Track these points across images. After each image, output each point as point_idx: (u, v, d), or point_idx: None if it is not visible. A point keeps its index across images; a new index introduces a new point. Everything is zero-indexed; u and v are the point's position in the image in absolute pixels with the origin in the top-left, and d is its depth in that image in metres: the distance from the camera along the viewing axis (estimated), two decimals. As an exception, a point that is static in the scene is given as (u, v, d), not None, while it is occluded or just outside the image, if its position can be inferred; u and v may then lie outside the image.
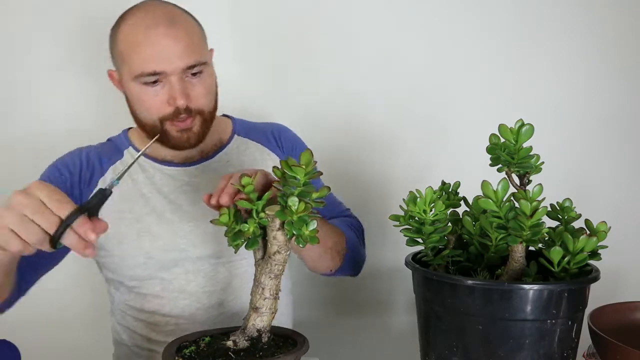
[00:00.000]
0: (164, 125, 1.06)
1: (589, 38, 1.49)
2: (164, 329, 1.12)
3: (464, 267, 0.91)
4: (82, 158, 1.13)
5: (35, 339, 1.37)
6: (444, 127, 1.51)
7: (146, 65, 1.00)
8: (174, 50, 1.00)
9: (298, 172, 0.79)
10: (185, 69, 1.02)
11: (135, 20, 1.02)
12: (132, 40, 1.01)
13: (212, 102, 1.10)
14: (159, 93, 1.03)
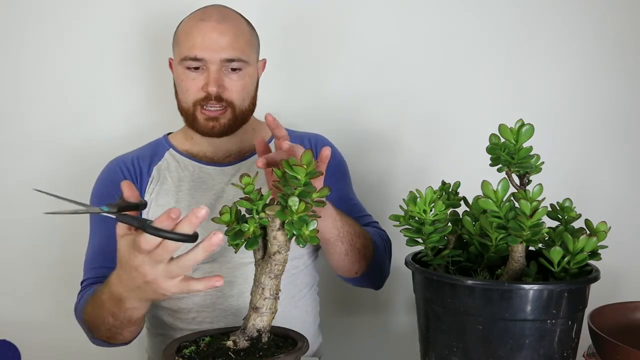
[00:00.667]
0: (195, 110, 1.16)
1: (589, 38, 1.49)
2: (186, 317, 1.15)
3: (464, 267, 0.91)
4: (122, 167, 1.20)
5: (35, 339, 1.37)
6: (444, 127, 1.51)
7: (191, 50, 1.12)
8: (218, 42, 1.12)
9: (298, 172, 0.79)
10: (224, 61, 1.13)
11: (194, 15, 1.17)
12: (187, 28, 1.15)
13: (246, 101, 1.19)
14: (197, 78, 1.14)
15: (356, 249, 1.11)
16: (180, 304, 1.15)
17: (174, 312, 1.17)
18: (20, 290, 1.51)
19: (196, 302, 1.15)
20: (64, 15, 1.46)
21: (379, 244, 1.20)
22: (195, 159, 1.22)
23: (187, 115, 1.18)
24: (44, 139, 1.48)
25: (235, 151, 1.23)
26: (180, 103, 1.19)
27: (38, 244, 1.50)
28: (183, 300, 1.15)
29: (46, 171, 1.48)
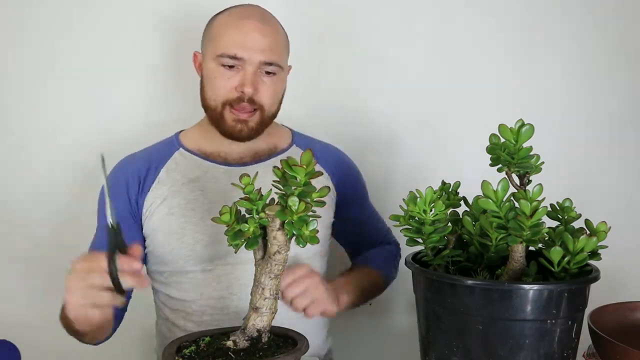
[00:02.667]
0: (223, 110, 1.12)
1: (590, 38, 1.49)
2: (199, 319, 1.14)
3: (464, 267, 0.91)
4: (126, 176, 1.16)
5: (35, 339, 1.37)
6: (444, 127, 1.51)
7: (230, 47, 1.08)
8: (259, 43, 1.09)
9: (298, 172, 0.79)
10: (262, 64, 1.10)
11: (234, 11, 1.13)
12: (226, 24, 1.11)
13: (274, 106, 1.16)
14: (232, 78, 1.10)
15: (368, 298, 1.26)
16: (194, 306, 1.14)
17: (186, 315, 1.15)
18: (21, 291, 1.51)
19: (210, 305, 1.13)
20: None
21: (388, 274, 1.29)
22: (208, 159, 1.18)
23: (213, 113, 1.14)
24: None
25: (251, 153, 1.19)
26: (208, 101, 1.14)
27: (38, 244, 1.50)
28: (196, 303, 1.14)
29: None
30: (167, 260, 1.14)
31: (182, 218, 1.12)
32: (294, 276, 1.06)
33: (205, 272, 1.13)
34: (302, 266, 1.08)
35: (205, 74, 1.14)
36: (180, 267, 1.13)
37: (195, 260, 1.12)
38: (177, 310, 1.16)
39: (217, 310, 1.13)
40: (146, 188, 1.15)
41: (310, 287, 1.05)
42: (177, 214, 1.13)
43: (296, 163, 0.80)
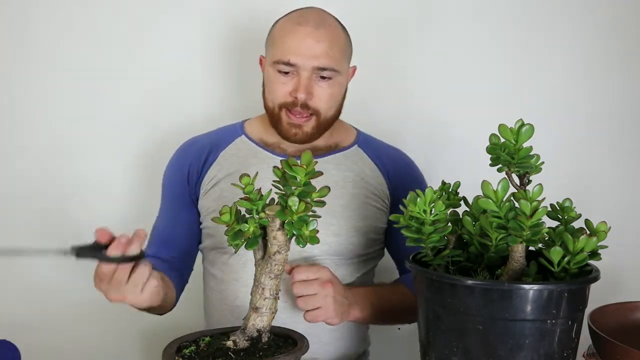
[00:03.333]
0: (280, 112, 1.16)
1: (590, 38, 1.49)
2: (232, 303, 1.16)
3: (464, 267, 0.91)
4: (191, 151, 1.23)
5: (35, 339, 1.37)
6: (444, 127, 1.51)
7: (285, 54, 1.11)
8: (313, 49, 1.11)
9: (298, 172, 0.79)
10: (316, 69, 1.12)
11: (291, 17, 1.15)
12: (283, 30, 1.14)
13: (333, 110, 1.18)
14: (287, 83, 1.13)
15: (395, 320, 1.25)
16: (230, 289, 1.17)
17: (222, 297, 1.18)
18: (21, 290, 1.51)
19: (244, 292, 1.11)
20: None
21: None
22: (267, 149, 1.21)
23: (272, 115, 1.18)
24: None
25: (309, 147, 1.19)
26: (267, 102, 1.18)
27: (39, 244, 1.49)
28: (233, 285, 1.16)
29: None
30: (215, 238, 1.18)
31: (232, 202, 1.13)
32: (308, 276, 1.04)
33: (246, 258, 1.14)
34: (322, 269, 1.05)
35: (265, 78, 1.19)
36: (225, 247, 1.15)
37: None
38: (216, 291, 1.20)
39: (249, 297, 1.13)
40: (205, 169, 1.20)
41: (319, 294, 1.03)
42: (229, 197, 1.15)
43: (296, 163, 0.80)
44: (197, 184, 1.21)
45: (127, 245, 0.84)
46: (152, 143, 1.49)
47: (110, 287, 0.88)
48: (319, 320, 1.04)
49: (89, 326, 1.53)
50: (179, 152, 1.25)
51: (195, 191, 1.21)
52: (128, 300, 0.91)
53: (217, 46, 1.50)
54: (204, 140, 1.24)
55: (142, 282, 0.89)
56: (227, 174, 1.18)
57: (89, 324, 1.52)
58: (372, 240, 1.21)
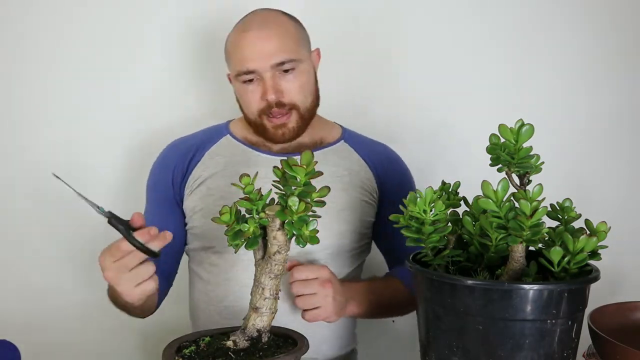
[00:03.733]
0: (261, 119, 1.17)
1: (590, 38, 1.49)
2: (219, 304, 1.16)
3: (464, 267, 0.91)
4: (175, 151, 1.23)
5: (35, 339, 1.37)
6: (444, 127, 1.51)
7: (242, 64, 1.13)
8: (264, 50, 1.12)
9: (298, 172, 0.79)
10: (275, 66, 1.12)
11: (237, 27, 1.17)
12: (233, 43, 1.16)
13: (309, 98, 1.19)
14: (255, 90, 1.15)
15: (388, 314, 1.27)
16: (218, 290, 1.17)
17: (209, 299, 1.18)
18: (21, 290, 1.51)
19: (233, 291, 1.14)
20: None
21: None
22: (252, 147, 1.22)
23: (255, 125, 1.19)
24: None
25: (294, 144, 1.22)
26: (247, 116, 1.20)
27: (39, 244, 1.50)
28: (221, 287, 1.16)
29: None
30: (202, 238, 1.18)
31: (220, 200, 1.15)
32: (308, 275, 1.04)
33: (236, 257, 1.14)
34: (321, 269, 1.06)
35: (236, 93, 1.21)
36: (213, 246, 1.17)
37: None
38: (202, 293, 1.20)
39: (238, 297, 1.14)
40: (190, 168, 1.21)
41: (319, 294, 1.03)
42: (216, 196, 1.16)
43: (296, 163, 0.80)
44: (182, 185, 1.21)
45: (153, 238, 0.85)
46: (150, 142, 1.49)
47: (113, 266, 0.87)
48: (318, 319, 1.05)
49: (89, 326, 1.53)
50: (163, 154, 1.25)
51: (180, 192, 1.21)
52: (119, 286, 0.89)
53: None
54: (189, 141, 1.25)
55: (142, 278, 0.89)
56: (213, 173, 1.19)
57: (89, 324, 1.53)
58: (361, 235, 1.22)
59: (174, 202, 1.21)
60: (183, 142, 1.25)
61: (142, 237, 0.85)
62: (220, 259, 1.17)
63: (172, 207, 1.21)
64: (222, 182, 1.17)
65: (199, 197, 1.18)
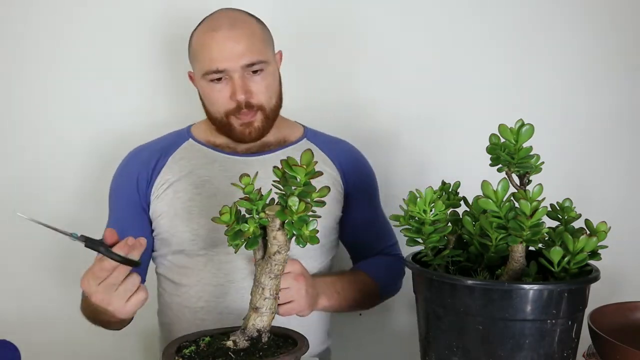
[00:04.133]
0: (228, 119, 1.17)
1: (590, 38, 1.49)
2: (194, 305, 1.16)
3: (464, 267, 0.91)
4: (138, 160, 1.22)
5: (35, 339, 1.37)
6: (444, 127, 1.51)
7: (211, 63, 1.12)
8: (234, 50, 1.12)
9: (298, 172, 0.79)
10: (245, 67, 1.13)
11: (203, 26, 1.16)
12: (200, 42, 1.15)
13: (274, 99, 1.20)
14: (223, 89, 1.15)
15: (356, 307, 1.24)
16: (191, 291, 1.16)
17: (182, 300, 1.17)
18: (21, 290, 1.51)
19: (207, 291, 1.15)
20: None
21: (386, 286, 1.27)
22: (217, 149, 1.22)
23: (220, 124, 1.18)
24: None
25: (259, 144, 1.22)
26: (211, 114, 1.19)
27: (39, 244, 1.50)
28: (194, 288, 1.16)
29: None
30: (171, 242, 1.18)
31: (188, 202, 1.16)
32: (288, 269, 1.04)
33: (207, 257, 1.15)
34: (294, 263, 1.06)
35: (201, 92, 1.20)
36: (183, 249, 1.17)
37: (199, 244, 1.15)
38: (174, 295, 1.19)
39: (214, 297, 1.14)
40: (155, 175, 1.20)
41: (293, 288, 1.04)
42: (183, 198, 1.16)
43: (296, 163, 0.80)
44: (148, 190, 1.20)
45: (131, 249, 0.87)
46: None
47: (100, 288, 0.89)
48: (292, 313, 1.05)
49: (89, 326, 1.52)
50: (126, 161, 1.24)
51: (147, 198, 1.19)
52: (111, 306, 0.90)
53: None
54: (151, 147, 1.24)
55: (131, 292, 0.90)
56: (180, 176, 1.18)
57: (89, 324, 1.52)
58: (331, 229, 1.24)
59: (140, 208, 1.20)
60: (144, 149, 1.24)
61: (122, 250, 0.86)
62: (190, 261, 1.17)
63: (138, 213, 1.20)
64: (188, 186, 1.17)
65: (166, 201, 1.17)
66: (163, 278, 1.22)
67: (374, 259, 1.29)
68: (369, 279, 1.23)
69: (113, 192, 1.24)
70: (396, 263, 1.30)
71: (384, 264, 1.28)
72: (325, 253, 1.24)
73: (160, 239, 1.20)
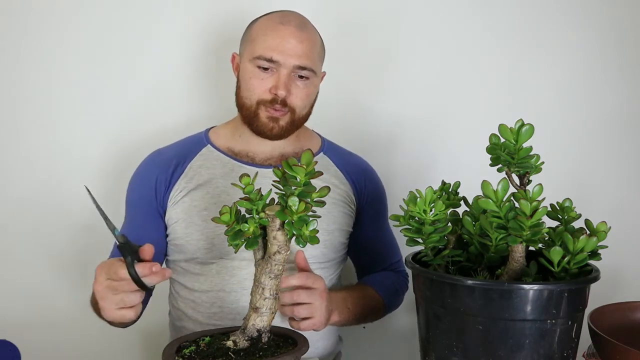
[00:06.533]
0: (258, 109, 1.17)
1: (589, 38, 1.49)
2: (207, 311, 1.16)
3: (464, 267, 0.91)
4: (156, 165, 1.22)
5: (35, 339, 1.37)
6: (444, 127, 1.51)
7: (268, 51, 1.13)
8: (294, 49, 1.14)
9: (298, 172, 0.79)
10: (296, 68, 1.14)
11: (273, 17, 1.18)
12: (265, 28, 1.16)
13: (306, 109, 1.21)
14: (267, 79, 1.15)
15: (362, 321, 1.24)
16: (204, 297, 1.17)
17: (196, 305, 1.18)
18: (21, 290, 1.51)
19: (220, 297, 1.15)
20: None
21: (390, 303, 1.28)
22: (234, 158, 1.21)
23: (248, 112, 1.18)
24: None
25: (277, 155, 1.22)
26: (243, 99, 1.18)
27: (39, 244, 1.50)
28: (207, 294, 1.16)
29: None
30: (185, 249, 1.18)
31: (204, 211, 1.16)
32: (308, 283, 1.05)
33: (220, 265, 1.15)
34: (319, 280, 1.07)
35: (241, 75, 1.19)
36: (197, 258, 1.17)
37: (213, 253, 1.16)
38: (188, 300, 1.19)
39: (227, 303, 1.15)
40: (173, 180, 1.20)
41: (316, 304, 1.05)
42: (200, 207, 1.16)
43: (296, 163, 0.80)
44: (165, 196, 1.19)
45: (153, 273, 0.88)
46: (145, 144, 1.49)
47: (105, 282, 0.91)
48: (311, 329, 1.06)
49: (89, 326, 1.52)
50: (144, 165, 1.24)
51: (164, 204, 1.19)
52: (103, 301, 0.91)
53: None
54: (169, 152, 1.23)
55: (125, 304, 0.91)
56: (197, 185, 1.18)
57: (89, 324, 1.52)
58: (341, 244, 1.24)
59: (157, 213, 1.20)
60: (162, 154, 1.24)
61: (143, 271, 0.87)
62: (204, 269, 1.17)
63: (154, 218, 1.20)
64: (205, 194, 1.17)
65: (182, 209, 1.17)
66: (176, 283, 1.22)
67: (381, 275, 1.30)
68: (376, 295, 1.24)
69: (130, 195, 1.23)
70: (401, 280, 1.32)
71: (390, 280, 1.29)
72: (334, 267, 1.25)
73: (174, 244, 1.20)
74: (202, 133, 1.27)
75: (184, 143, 1.26)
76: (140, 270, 0.87)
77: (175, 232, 1.18)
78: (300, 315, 1.05)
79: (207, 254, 1.16)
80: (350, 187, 1.25)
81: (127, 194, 1.24)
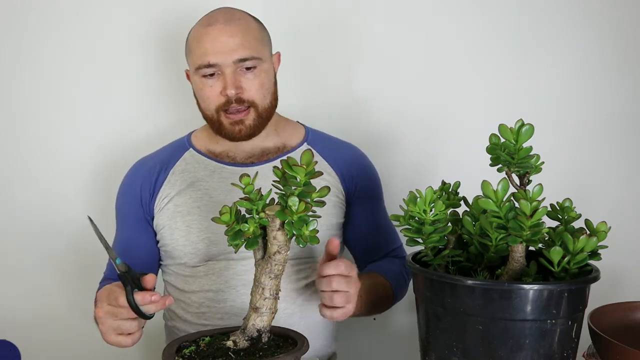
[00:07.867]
0: (219, 117, 1.16)
1: (589, 38, 1.49)
2: (197, 310, 1.17)
3: (464, 267, 0.91)
4: (141, 172, 1.23)
5: (35, 339, 1.37)
6: (444, 127, 1.51)
7: (204, 57, 1.12)
8: (228, 44, 1.12)
9: (298, 172, 0.79)
10: (237, 62, 1.12)
11: (201, 21, 1.17)
12: (197, 36, 1.15)
13: (267, 98, 1.18)
14: (215, 84, 1.14)
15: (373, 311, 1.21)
16: (193, 297, 1.17)
17: (186, 305, 1.19)
18: (21, 290, 1.51)
19: (208, 297, 1.16)
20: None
21: (398, 290, 1.24)
22: (216, 159, 1.21)
23: (212, 122, 1.18)
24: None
25: (258, 152, 1.22)
26: (204, 112, 1.19)
27: (39, 245, 1.50)
28: (196, 294, 1.17)
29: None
30: (173, 255, 1.19)
31: (187, 216, 1.16)
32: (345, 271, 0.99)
33: (207, 267, 1.17)
34: (353, 267, 1.02)
35: (194, 88, 1.19)
36: (184, 262, 1.18)
37: (199, 257, 1.16)
38: (178, 300, 1.20)
39: (215, 302, 1.16)
40: (157, 187, 1.20)
41: (351, 292, 1.00)
42: (183, 212, 1.17)
43: (296, 163, 0.80)
44: (151, 204, 1.20)
45: (152, 302, 0.88)
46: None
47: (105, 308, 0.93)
48: (343, 317, 1.01)
49: (89, 326, 1.52)
50: (128, 176, 1.25)
51: (150, 211, 1.20)
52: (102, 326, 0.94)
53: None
54: (153, 160, 1.24)
55: (122, 331, 0.93)
56: (180, 190, 1.18)
57: (89, 324, 1.52)
58: (335, 236, 1.20)
59: (145, 221, 1.21)
60: (146, 162, 1.24)
61: (142, 299, 0.87)
62: (193, 271, 1.18)
63: (142, 226, 1.21)
64: (188, 199, 1.17)
65: (167, 215, 1.18)
66: (169, 285, 1.24)
67: (386, 262, 1.27)
68: (386, 281, 1.20)
69: (118, 210, 1.25)
70: (405, 265, 1.28)
71: (395, 266, 1.26)
72: None
73: (164, 250, 1.21)
74: (184, 137, 1.27)
75: (167, 148, 1.27)
76: (139, 299, 0.87)
77: (163, 238, 1.19)
78: (338, 303, 0.99)
79: (193, 258, 1.17)
80: (337, 175, 1.23)
81: (116, 206, 1.25)
